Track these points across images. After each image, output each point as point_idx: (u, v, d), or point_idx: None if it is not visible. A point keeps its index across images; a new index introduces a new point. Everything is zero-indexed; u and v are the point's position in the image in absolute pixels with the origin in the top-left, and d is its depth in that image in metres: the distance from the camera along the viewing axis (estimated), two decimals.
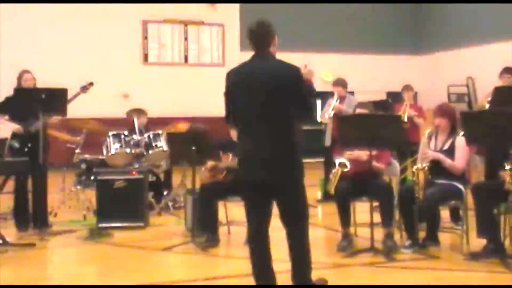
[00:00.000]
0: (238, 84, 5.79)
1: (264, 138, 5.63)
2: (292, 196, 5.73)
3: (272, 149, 5.60)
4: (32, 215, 9.38)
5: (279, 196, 5.72)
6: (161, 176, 11.42)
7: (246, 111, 5.72)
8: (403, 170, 8.69)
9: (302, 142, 5.94)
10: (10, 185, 9.15)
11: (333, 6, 21.56)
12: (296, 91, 5.64)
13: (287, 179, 5.68)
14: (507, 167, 7.04)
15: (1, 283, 7.19)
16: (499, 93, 10.37)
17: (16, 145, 8.83)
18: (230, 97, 5.86)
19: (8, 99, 9.32)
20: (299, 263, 5.72)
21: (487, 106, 10.52)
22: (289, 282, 5.76)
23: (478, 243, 7.60)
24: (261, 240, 5.76)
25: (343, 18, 21.71)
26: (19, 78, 9.52)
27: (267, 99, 5.59)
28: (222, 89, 5.86)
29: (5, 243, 8.33)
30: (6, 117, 9.22)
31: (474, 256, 7.35)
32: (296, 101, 5.65)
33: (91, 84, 9.75)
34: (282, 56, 5.82)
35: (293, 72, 5.65)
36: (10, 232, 9.00)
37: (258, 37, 5.74)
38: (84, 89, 9.66)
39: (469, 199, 7.71)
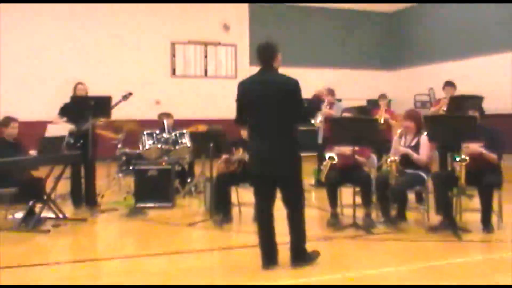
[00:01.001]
0: (247, 93, 5.79)
1: (270, 138, 5.65)
2: (292, 185, 5.76)
3: (277, 148, 5.63)
4: (84, 196, 9.42)
5: (282, 185, 5.75)
6: (186, 166, 11.37)
7: (254, 115, 5.72)
8: (380, 162, 8.68)
9: (299, 140, 5.95)
10: (68, 172, 9.15)
11: (326, 31, 21.57)
12: (295, 100, 5.65)
13: (289, 172, 5.72)
14: (458, 159, 7.09)
15: (62, 248, 7.26)
16: (452, 101, 10.43)
17: (71, 141, 8.84)
18: (241, 103, 5.85)
19: (65, 105, 9.34)
20: (297, 236, 5.74)
21: (441, 111, 10.60)
22: (288, 251, 5.77)
23: (436, 219, 7.69)
24: (267, 218, 5.77)
25: (333, 40, 21.70)
26: (74, 88, 9.55)
27: (271, 106, 5.60)
28: (235, 96, 5.86)
29: (64, 217, 8.38)
30: (64, 119, 9.22)
31: (433, 229, 7.41)
32: (294, 108, 5.66)
33: (130, 94, 9.75)
34: (285, 70, 5.85)
35: (292, 84, 5.65)
36: (68, 209, 9.03)
37: (264, 54, 5.77)
38: (125, 98, 9.67)
39: (430, 185, 7.76)
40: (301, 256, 5.74)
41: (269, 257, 5.72)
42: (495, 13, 18.41)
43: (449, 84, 11.40)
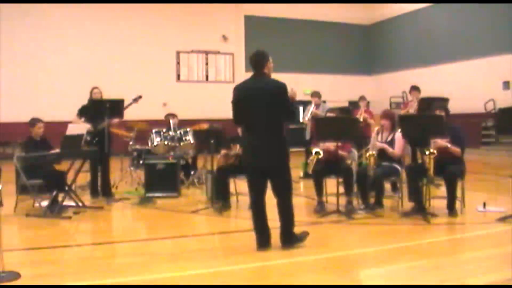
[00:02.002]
0: (241, 95, 5.81)
1: (261, 134, 5.68)
2: (281, 176, 5.78)
3: (267, 143, 5.66)
4: (101, 187, 9.44)
5: (272, 176, 5.77)
6: (189, 161, 11.38)
7: (248, 115, 5.75)
8: (360, 156, 8.71)
9: (289, 137, 5.98)
10: (87, 166, 9.17)
11: (313, 41, 21.59)
12: (282, 101, 5.69)
13: (278, 164, 5.74)
14: (427, 153, 7.14)
15: (82, 232, 7.29)
16: (422, 103, 10.52)
17: (89, 138, 8.85)
18: (236, 105, 5.87)
19: (83, 107, 9.35)
20: (286, 222, 5.76)
21: (409, 111, 10.69)
22: (278, 235, 5.81)
23: (408, 205, 7.72)
24: (260, 206, 5.80)
25: (320, 49, 21.75)
26: (91, 92, 9.55)
27: (262, 106, 5.63)
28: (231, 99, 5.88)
29: (84, 206, 8.41)
30: (83, 119, 9.22)
31: (406, 214, 7.46)
32: (282, 108, 5.70)
33: (140, 97, 9.75)
34: (277, 75, 5.89)
35: (280, 87, 5.68)
36: (86, 199, 9.05)
37: (255, 62, 5.79)
38: (136, 100, 9.67)
39: (403, 176, 7.80)
40: (289, 238, 5.76)
41: (263, 240, 5.75)
42: (457, 27, 18.68)
43: (415, 89, 11.50)
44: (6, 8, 17.50)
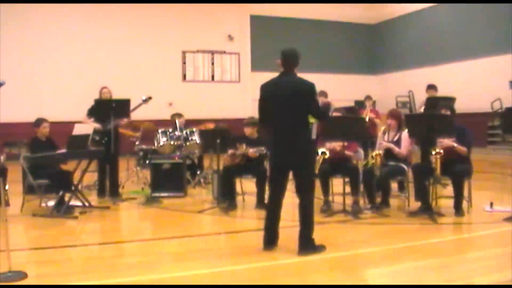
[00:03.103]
0: (268, 93, 5.74)
1: (287, 133, 5.62)
2: (304, 175, 5.70)
3: (293, 142, 5.59)
4: (109, 187, 9.44)
5: (295, 175, 5.71)
6: (195, 160, 11.38)
7: (274, 113, 5.67)
8: (366, 156, 8.69)
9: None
10: (93, 166, 9.20)
11: (319, 40, 21.59)
12: (310, 100, 5.65)
13: (303, 163, 5.66)
14: (433, 152, 7.12)
15: (89, 231, 7.30)
16: (428, 102, 10.47)
17: (97, 138, 8.86)
18: (262, 103, 5.80)
19: (92, 107, 9.36)
20: (305, 224, 5.64)
21: (422, 111, 10.62)
22: (288, 235, 5.80)
23: (415, 205, 7.69)
24: (276, 205, 5.74)
25: (326, 48, 21.74)
26: (100, 92, 9.57)
27: (289, 105, 5.57)
28: (238, 98, 5.86)
29: (90, 205, 8.43)
30: (92, 119, 9.25)
31: (412, 214, 7.44)
32: (309, 108, 5.66)
33: (150, 98, 9.71)
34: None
35: (310, 87, 5.65)
36: (93, 198, 9.07)
37: (289, 59, 5.72)
38: (145, 101, 9.66)
39: (410, 175, 7.78)
40: (307, 245, 5.60)
41: (270, 241, 5.72)
42: (463, 26, 18.62)
43: (431, 87, 11.33)
44: (11, 7, 17.55)
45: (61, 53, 18.43)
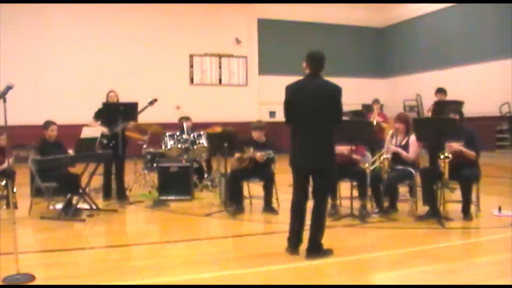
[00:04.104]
0: (295, 95, 5.71)
1: (311, 135, 5.58)
2: (325, 178, 5.69)
3: (317, 144, 5.57)
4: (116, 190, 9.46)
5: (316, 177, 5.68)
6: (203, 164, 11.42)
7: (299, 114, 5.64)
8: (373, 160, 8.68)
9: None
10: (101, 169, 9.22)
11: (326, 44, 21.59)
12: (336, 104, 5.62)
13: (325, 166, 5.65)
14: (442, 157, 7.10)
15: (96, 234, 7.33)
16: (437, 106, 10.45)
17: (104, 141, 8.89)
18: (288, 104, 5.76)
19: (99, 110, 9.41)
20: (316, 228, 5.62)
21: (429, 115, 10.61)
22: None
23: (423, 209, 7.67)
24: (300, 208, 5.71)
25: (333, 52, 21.67)
26: (107, 95, 9.61)
27: (316, 108, 5.54)
28: (246, 102, 5.86)
29: (98, 208, 8.45)
30: (99, 122, 9.28)
31: (420, 218, 7.42)
32: (334, 111, 5.63)
33: (155, 100, 9.72)
34: (292, 78, 5.85)
35: (337, 90, 5.62)
36: (100, 201, 9.11)
37: (317, 62, 5.70)
38: (151, 103, 9.67)
39: (418, 180, 7.76)
40: (316, 249, 5.60)
41: (293, 243, 5.68)
42: (471, 29, 18.58)
43: (440, 91, 11.32)
44: (19, 12, 17.67)
45: (69, 56, 18.51)
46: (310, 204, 5.73)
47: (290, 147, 5.79)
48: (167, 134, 10.85)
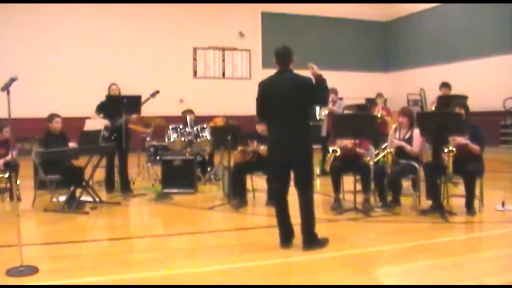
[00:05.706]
0: (267, 90, 5.78)
1: (286, 130, 5.63)
2: (304, 170, 5.73)
3: (292, 137, 5.61)
4: (119, 183, 9.48)
5: (296, 170, 5.72)
6: (206, 157, 11.42)
7: (274, 110, 5.70)
8: (377, 154, 8.67)
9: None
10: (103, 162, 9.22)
11: (330, 38, 21.56)
12: (312, 92, 5.64)
13: (303, 158, 5.68)
14: (445, 150, 7.08)
15: (99, 227, 7.34)
16: (441, 100, 10.43)
17: (107, 134, 8.90)
18: (261, 100, 5.83)
19: (102, 103, 9.42)
20: (307, 219, 5.67)
21: (433, 108, 10.58)
22: (297, 232, 5.77)
23: (426, 203, 7.63)
24: (283, 200, 5.74)
25: (337, 46, 21.69)
26: (109, 88, 9.61)
27: (288, 101, 5.60)
28: (249, 95, 5.86)
29: (101, 201, 8.46)
30: (101, 115, 9.27)
31: (423, 212, 7.38)
32: (313, 99, 5.71)
33: (157, 92, 9.74)
34: (300, 71, 5.82)
35: (307, 81, 5.65)
36: (104, 194, 9.13)
37: (283, 56, 5.74)
38: (153, 95, 9.69)
39: (422, 173, 7.73)
40: (310, 240, 5.65)
41: (286, 236, 5.72)
42: (476, 23, 18.52)
43: (444, 85, 11.31)
44: (24, 5, 17.66)
45: (72, 49, 18.51)
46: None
47: (267, 141, 5.88)
48: (170, 127, 10.87)
